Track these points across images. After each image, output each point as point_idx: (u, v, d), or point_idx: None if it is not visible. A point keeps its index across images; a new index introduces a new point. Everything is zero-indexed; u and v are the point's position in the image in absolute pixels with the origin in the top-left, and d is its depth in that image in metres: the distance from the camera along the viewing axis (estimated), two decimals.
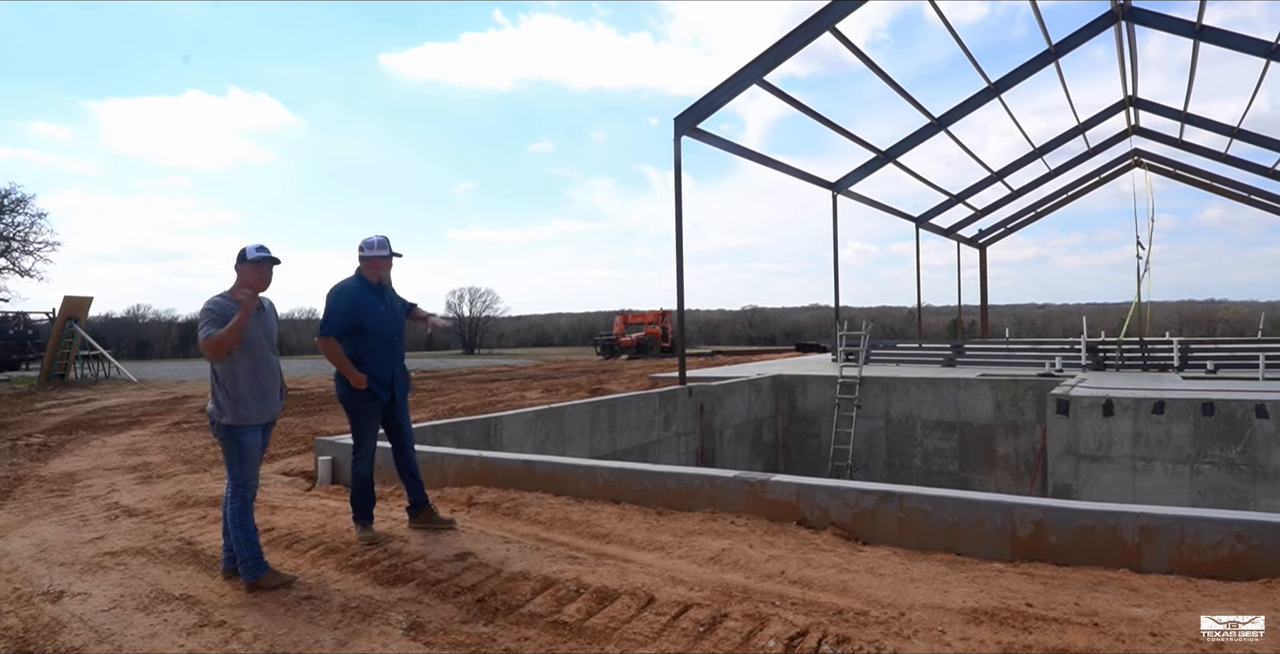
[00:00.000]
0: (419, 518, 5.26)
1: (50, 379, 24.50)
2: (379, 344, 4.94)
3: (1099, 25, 16.84)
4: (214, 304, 4.27)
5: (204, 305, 4.28)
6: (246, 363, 4.32)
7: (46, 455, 9.24)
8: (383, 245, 4.98)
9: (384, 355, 4.97)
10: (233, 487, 4.35)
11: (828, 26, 12.73)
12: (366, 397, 4.93)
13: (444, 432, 8.39)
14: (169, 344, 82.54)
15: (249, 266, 4.35)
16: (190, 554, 4.90)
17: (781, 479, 5.24)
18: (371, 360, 4.90)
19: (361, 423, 5.02)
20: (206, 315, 4.24)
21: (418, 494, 5.26)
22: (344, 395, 4.99)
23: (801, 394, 15.17)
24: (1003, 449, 13.34)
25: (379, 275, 5.01)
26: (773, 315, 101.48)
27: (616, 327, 47.31)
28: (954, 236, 30.14)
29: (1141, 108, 22.10)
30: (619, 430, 11.07)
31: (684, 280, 13.12)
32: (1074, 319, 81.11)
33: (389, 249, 5.00)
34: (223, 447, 4.40)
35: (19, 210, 41.97)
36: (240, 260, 4.37)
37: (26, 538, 5.45)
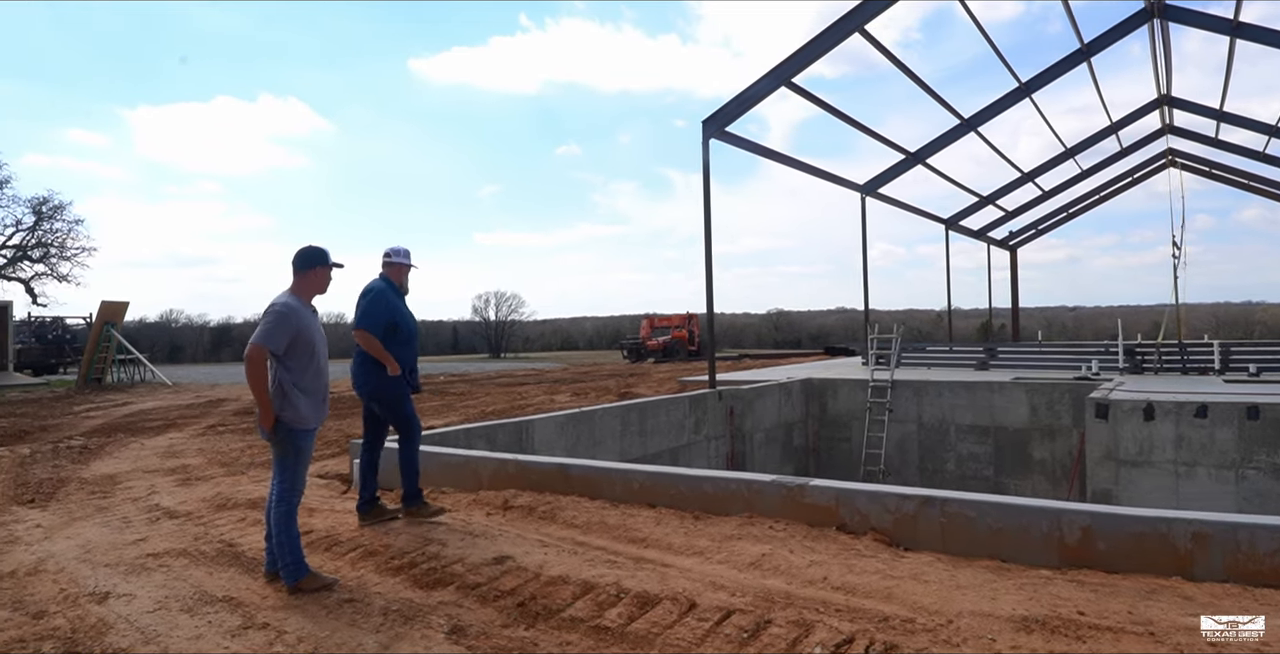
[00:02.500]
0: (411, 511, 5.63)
1: (88, 382, 24.93)
2: (405, 342, 5.47)
3: (1132, 23, 16.59)
4: (287, 308, 4.29)
5: (275, 309, 4.27)
6: (310, 367, 4.35)
7: (87, 458, 9.38)
8: (407, 255, 5.65)
9: (408, 352, 5.51)
10: (280, 490, 4.34)
11: (857, 27, 12.64)
12: (403, 383, 5.46)
13: (476, 435, 8.41)
14: (201, 348, 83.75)
15: (323, 270, 4.47)
16: (231, 556, 4.94)
17: (820, 484, 5.19)
18: (399, 355, 5.38)
19: (409, 405, 5.56)
20: (275, 317, 4.23)
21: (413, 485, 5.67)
22: (380, 386, 5.41)
23: (832, 398, 15.06)
24: (1038, 454, 13.15)
25: (402, 280, 5.63)
26: (798, 319, 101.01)
27: (643, 330, 47.33)
28: (984, 238, 29.80)
29: (1176, 106, 21.72)
30: (649, 434, 11.04)
31: (713, 283, 13.07)
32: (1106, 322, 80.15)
33: (410, 259, 5.68)
34: (277, 449, 4.34)
35: (57, 217, 42.87)
36: (306, 264, 4.44)
37: (71, 539, 5.53)
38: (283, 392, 4.27)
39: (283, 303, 4.31)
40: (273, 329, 4.21)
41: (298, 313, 4.31)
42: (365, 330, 5.29)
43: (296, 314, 4.29)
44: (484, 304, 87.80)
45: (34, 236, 42.69)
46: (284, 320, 4.23)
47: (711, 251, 12.93)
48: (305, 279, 4.46)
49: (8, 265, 42.81)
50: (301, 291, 4.45)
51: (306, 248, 4.49)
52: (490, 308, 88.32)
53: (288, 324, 4.24)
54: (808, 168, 17.07)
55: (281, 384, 4.27)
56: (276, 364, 4.29)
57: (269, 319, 4.23)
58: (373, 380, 5.37)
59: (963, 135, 19.01)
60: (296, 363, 4.29)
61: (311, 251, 4.47)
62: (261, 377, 4.22)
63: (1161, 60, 18.91)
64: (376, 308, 5.34)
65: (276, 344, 4.21)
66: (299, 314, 4.31)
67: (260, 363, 4.21)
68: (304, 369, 4.32)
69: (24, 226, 42.18)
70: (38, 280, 43.32)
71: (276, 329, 4.21)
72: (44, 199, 42.40)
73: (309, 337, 4.33)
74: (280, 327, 4.22)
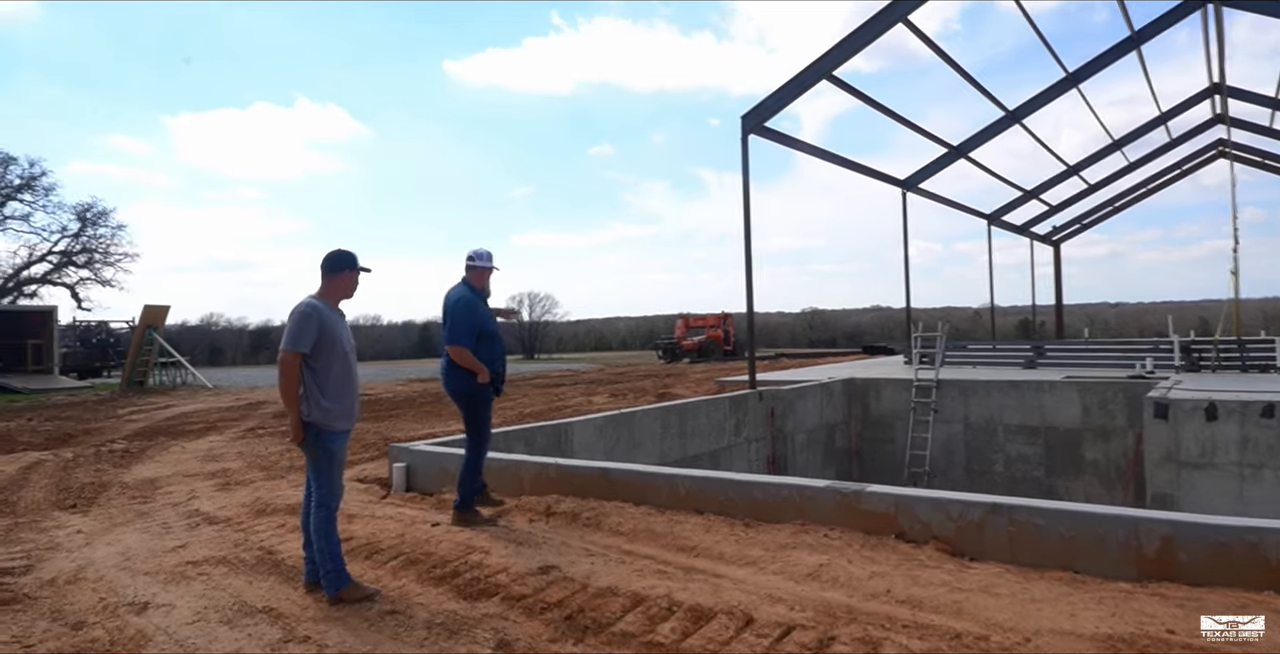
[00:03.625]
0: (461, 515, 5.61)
1: (131, 385, 25.32)
2: (494, 344, 5.57)
3: (1185, 9, 16.05)
4: (309, 308, 4.21)
5: (299, 310, 4.19)
6: (339, 368, 4.26)
7: (129, 461, 9.40)
8: (489, 258, 5.64)
9: (498, 353, 5.61)
10: (319, 495, 4.24)
11: (900, 18, 12.34)
12: (489, 389, 5.53)
13: (516, 438, 8.27)
14: (240, 350, 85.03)
15: (350, 274, 4.40)
16: (271, 564, 4.83)
17: (878, 489, 4.95)
18: (489, 358, 5.48)
19: (487, 412, 5.60)
20: (298, 318, 4.16)
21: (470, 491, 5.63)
22: (466, 390, 5.48)
23: (875, 398, 14.73)
24: (1091, 455, 12.73)
25: (485, 283, 5.65)
26: (833, 317, 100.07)
27: (678, 330, 47.08)
28: (1027, 234, 29.16)
29: (1229, 95, 21.04)
30: (689, 436, 10.84)
31: (753, 282, 12.84)
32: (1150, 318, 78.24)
33: (493, 262, 5.67)
34: (310, 454, 4.26)
35: (100, 223, 43.78)
36: (335, 268, 4.36)
37: (111, 545, 5.46)
38: (308, 394, 4.19)
39: (305, 303, 4.24)
40: (298, 331, 4.14)
41: (320, 312, 4.23)
42: (457, 345, 5.37)
43: (319, 313, 4.22)
44: (518, 304, 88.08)
45: (78, 243, 43.65)
46: (307, 320, 4.16)
47: (751, 249, 12.71)
48: (333, 282, 4.38)
49: (54, 271, 43.79)
50: (328, 295, 4.38)
51: (335, 251, 4.42)
52: (524, 308, 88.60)
53: (310, 323, 4.16)
54: (848, 163, 16.75)
55: (307, 386, 4.19)
56: (303, 367, 4.19)
57: (293, 322, 4.17)
58: (457, 382, 5.50)
59: (1007, 128, 18.55)
60: (321, 364, 4.21)
61: (339, 255, 4.40)
62: (294, 383, 4.15)
63: (1214, 47, 18.32)
64: (467, 319, 5.38)
65: (304, 345, 4.14)
66: (321, 314, 4.22)
67: (293, 368, 4.14)
68: (329, 371, 4.23)
69: (69, 233, 43.16)
70: (82, 285, 44.29)
71: (302, 331, 4.14)
72: (88, 206, 43.35)
73: (334, 337, 4.25)
74: (304, 327, 4.15)
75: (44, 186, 41.37)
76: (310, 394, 4.19)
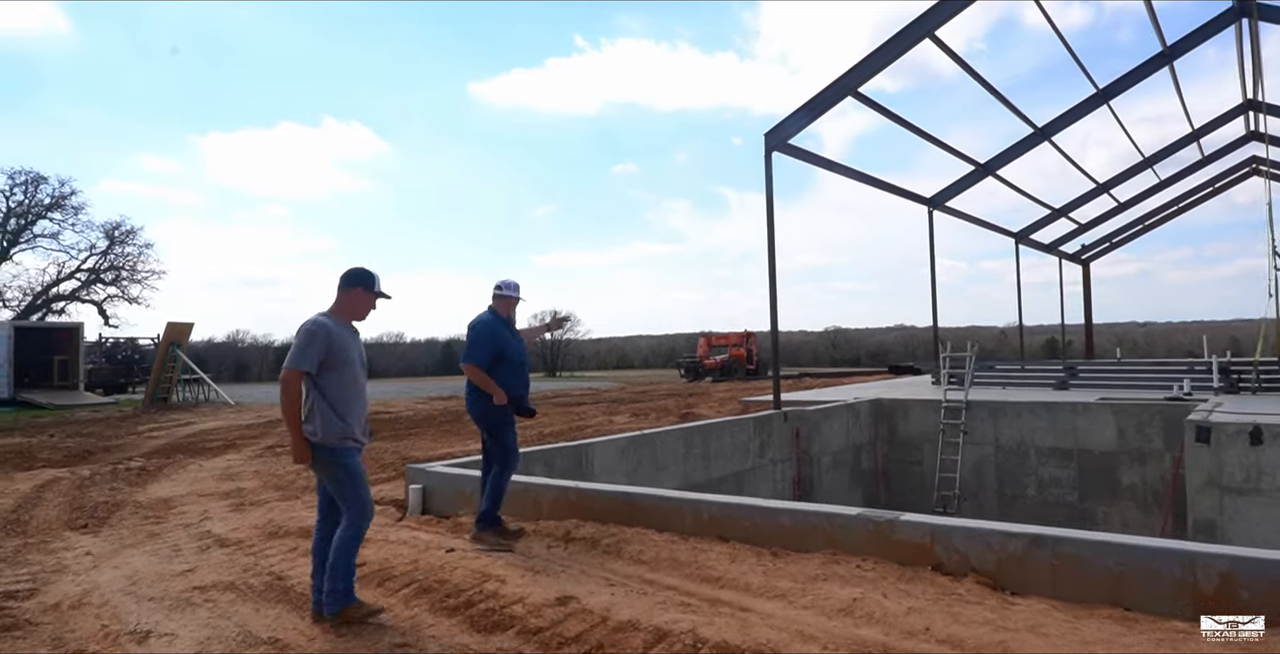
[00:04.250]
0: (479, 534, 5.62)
1: (154, 402, 25.42)
2: (514, 368, 5.69)
3: (1219, 23, 15.76)
4: (315, 326, 4.11)
5: (305, 328, 4.09)
6: (350, 385, 4.17)
7: (145, 480, 9.31)
8: (516, 289, 5.85)
9: (518, 377, 5.72)
10: (350, 515, 4.09)
11: (927, 33, 12.16)
12: (507, 411, 5.61)
13: (534, 459, 8.08)
14: (265, 367, 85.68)
15: (364, 293, 4.29)
16: (280, 591, 4.65)
17: (913, 518, 4.71)
18: (509, 382, 5.60)
19: (509, 434, 5.66)
20: (304, 337, 4.06)
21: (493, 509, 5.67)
22: (484, 412, 5.61)
23: (903, 419, 14.41)
24: (1127, 479, 12.33)
25: (509, 311, 5.85)
26: (856, 336, 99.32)
27: (700, 349, 46.78)
28: (1055, 252, 28.73)
29: (1264, 111, 20.63)
30: (713, 458, 10.60)
31: (777, 300, 12.61)
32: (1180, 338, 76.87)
33: (519, 292, 5.87)
34: (327, 474, 4.11)
35: (128, 241, 44.37)
36: (348, 284, 4.26)
37: (119, 569, 5.32)
38: (317, 411, 4.06)
39: (312, 321, 4.12)
40: (302, 350, 4.03)
41: (327, 329, 4.10)
42: (470, 363, 5.55)
43: (325, 331, 4.09)
44: (539, 322, 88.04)
45: (106, 260, 44.22)
46: (312, 338, 4.05)
47: (775, 267, 12.49)
48: (345, 298, 4.29)
49: (82, 288, 44.36)
50: (339, 311, 4.28)
51: (353, 268, 4.32)
52: None
53: (316, 342, 4.05)
54: (873, 181, 16.54)
55: (315, 404, 4.07)
56: (310, 384, 4.07)
57: (298, 340, 4.07)
58: (478, 407, 5.64)
59: (1036, 145, 18.28)
60: (331, 382, 4.09)
61: (357, 272, 4.31)
62: (295, 403, 4.03)
63: (1249, 63, 17.98)
64: (482, 340, 5.58)
65: (309, 363, 4.02)
66: (329, 331, 4.11)
67: (294, 386, 4.03)
68: (341, 388, 4.12)
69: (97, 251, 43.76)
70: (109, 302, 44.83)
71: (306, 349, 4.03)
72: (116, 224, 44.01)
73: (344, 355, 4.14)
74: (309, 346, 4.04)
75: (73, 206, 42.06)
76: (321, 412, 4.06)
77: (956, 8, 11.72)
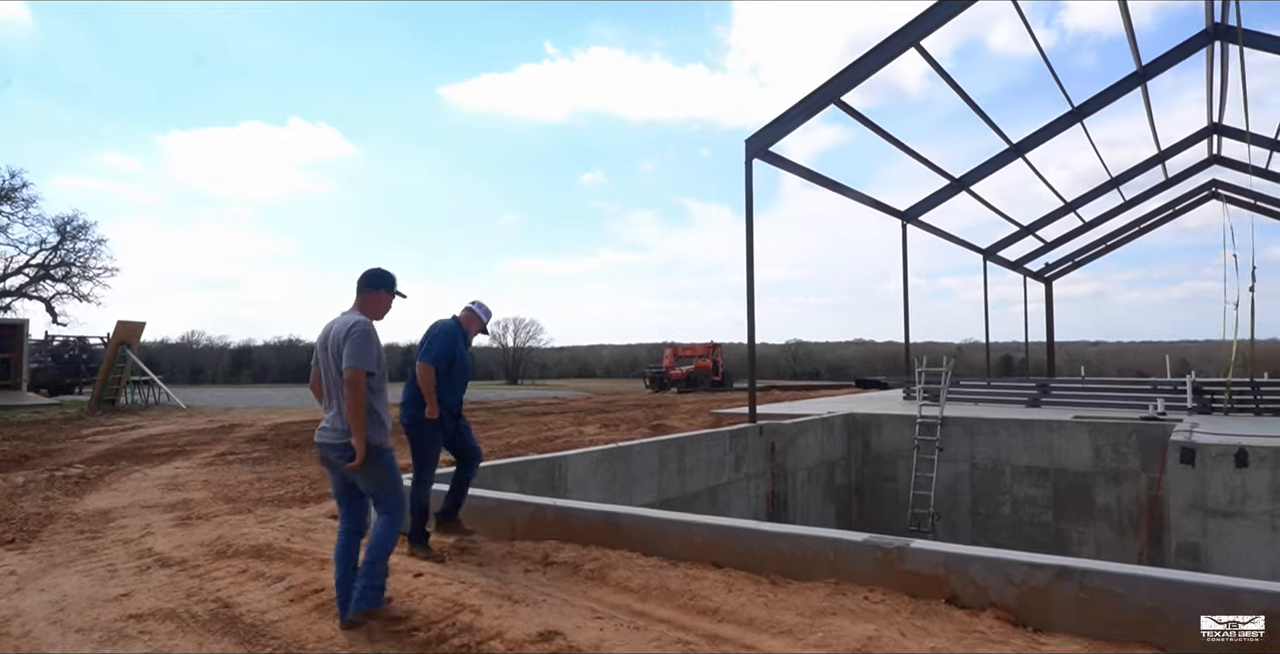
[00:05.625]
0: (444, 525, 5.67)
1: (101, 404, 24.40)
2: (458, 381, 5.58)
3: (1193, 45, 15.88)
4: (369, 325, 4.19)
5: (361, 328, 4.11)
6: (385, 384, 4.28)
7: (83, 489, 8.67)
8: (488, 315, 5.85)
9: (458, 390, 5.61)
10: (397, 513, 4.20)
11: (913, 43, 12.00)
12: (435, 426, 5.41)
13: (506, 473, 7.64)
14: (220, 370, 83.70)
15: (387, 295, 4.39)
16: (226, 621, 4.16)
17: (925, 546, 4.37)
18: (447, 393, 5.46)
19: (427, 451, 5.44)
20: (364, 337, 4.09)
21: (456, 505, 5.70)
22: (410, 424, 5.40)
23: (876, 434, 14.18)
24: (1102, 499, 12.19)
25: (472, 330, 5.79)
26: (816, 350, 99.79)
27: (666, 359, 46.42)
28: (1020, 270, 28.93)
29: (1226, 135, 20.93)
30: (688, 472, 10.22)
31: (754, 310, 12.32)
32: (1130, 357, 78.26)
33: (489, 319, 5.87)
34: (373, 475, 4.12)
35: (80, 237, 42.87)
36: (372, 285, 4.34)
37: (45, 592, 4.78)
38: (373, 412, 4.12)
39: (363, 321, 4.18)
40: (366, 349, 4.07)
41: (375, 330, 4.22)
42: (429, 363, 5.34)
43: (375, 332, 4.21)
44: (502, 330, 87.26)
45: (57, 256, 42.69)
46: (370, 339, 4.12)
47: (754, 276, 12.21)
48: (368, 299, 4.35)
49: (30, 284, 42.75)
50: (365, 311, 4.33)
51: (375, 269, 4.40)
52: (508, 334, 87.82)
53: (374, 342, 4.14)
54: (851, 193, 16.37)
55: (372, 404, 4.11)
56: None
57: (359, 340, 4.06)
58: (408, 415, 5.44)
59: (1010, 161, 18.33)
60: (378, 382, 4.19)
61: (381, 273, 4.40)
62: (364, 402, 4.02)
63: (1217, 87, 18.18)
64: (443, 344, 5.45)
65: (373, 363, 4.09)
66: (376, 332, 4.22)
67: (364, 386, 4.03)
68: (381, 388, 4.24)
69: (47, 246, 42.22)
70: (59, 299, 43.25)
71: (369, 348, 4.09)
72: (68, 218, 42.47)
73: (382, 355, 4.24)
74: (370, 345, 4.11)
75: (24, 198, 40.47)
76: (373, 413, 4.12)
77: (944, 17, 11.57)
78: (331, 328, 4.23)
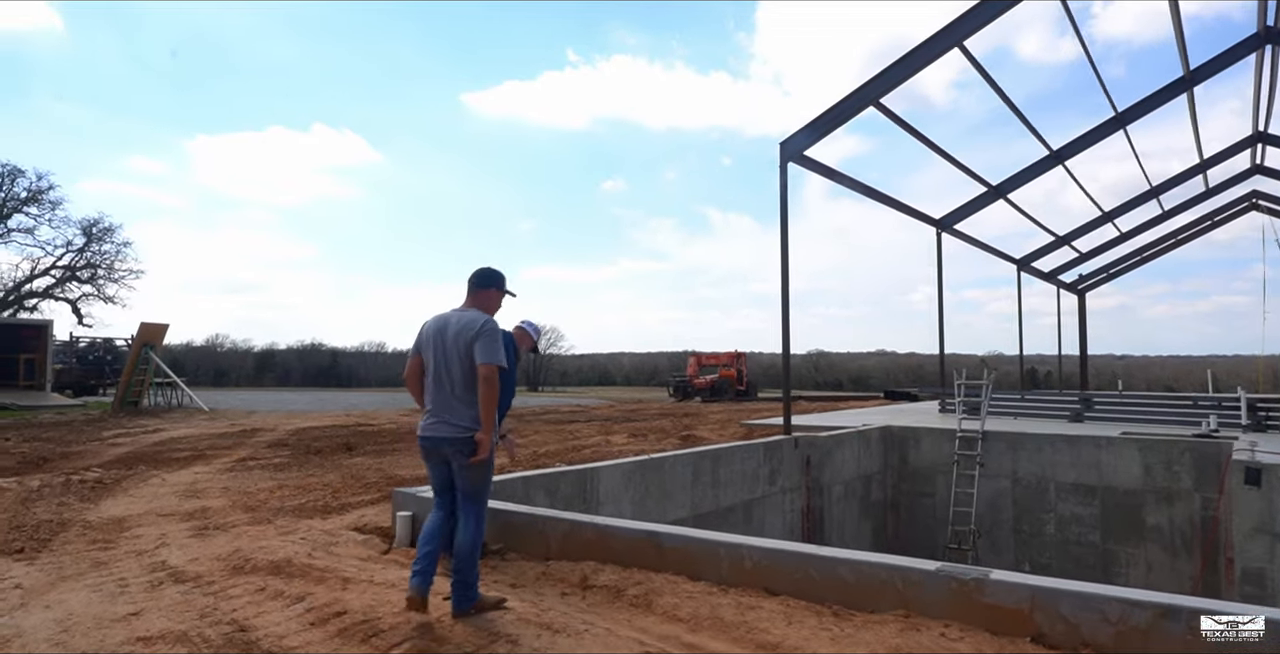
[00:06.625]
0: None
1: (124, 406, 24.34)
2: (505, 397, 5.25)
3: (1242, 49, 15.34)
4: (495, 323, 4.31)
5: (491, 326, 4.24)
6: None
7: (99, 495, 8.40)
8: (539, 333, 5.97)
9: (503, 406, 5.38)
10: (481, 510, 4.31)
11: (955, 43, 11.58)
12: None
13: (536, 485, 7.28)
14: (244, 372, 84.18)
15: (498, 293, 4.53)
16: (241, 646, 3.82)
17: (1006, 578, 3.96)
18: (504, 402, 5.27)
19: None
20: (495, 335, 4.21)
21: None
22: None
23: (914, 448, 13.71)
24: (1153, 519, 11.66)
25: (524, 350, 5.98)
26: (838, 360, 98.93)
27: (690, 368, 45.91)
28: (1054, 281, 28.31)
29: (1271, 144, 20.29)
30: (722, 485, 9.82)
31: (789, 318, 11.90)
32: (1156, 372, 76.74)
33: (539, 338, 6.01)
34: (480, 473, 4.26)
35: (106, 239, 43.22)
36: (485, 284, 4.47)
37: (51, 609, 4.46)
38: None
39: (490, 320, 4.27)
40: (497, 346, 4.16)
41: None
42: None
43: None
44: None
45: (83, 258, 43.02)
46: (499, 336, 4.20)
47: (788, 281, 11.80)
48: (479, 298, 4.45)
49: (56, 285, 43.11)
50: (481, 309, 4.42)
51: (486, 268, 4.51)
52: None
53: (501, 340, 4.21)
54: (886, 199, 15.96)
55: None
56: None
57: (491, 338, 4.15)
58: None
59: (1049, 168, 17.83)
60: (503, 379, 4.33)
61: (493, 272, 4.51)
62: (497, 398, 4.15)
63: (1264, 93, 17.60)
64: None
65: (504, 360, 4.19)
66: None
67: (498, 381, 4.15)
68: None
69: (73, 248, 42.56)
70: (84, 301, 43.58)
71: (500, 345, 4.18)
72: (94, 221, 42.84)
73: None
74: (500, 342, 4.19)
75: (50, 200, 40.88)
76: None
77: (988, 17, 11.16)
78: (447, 323, 4.26)
